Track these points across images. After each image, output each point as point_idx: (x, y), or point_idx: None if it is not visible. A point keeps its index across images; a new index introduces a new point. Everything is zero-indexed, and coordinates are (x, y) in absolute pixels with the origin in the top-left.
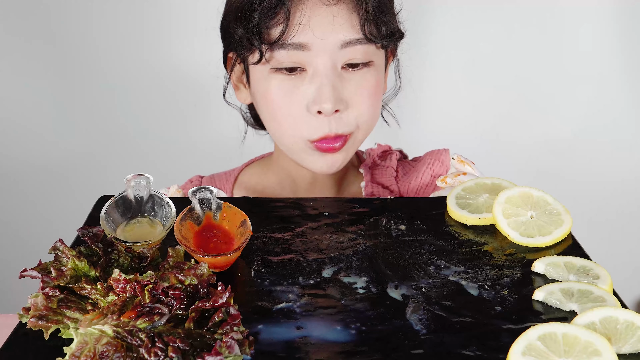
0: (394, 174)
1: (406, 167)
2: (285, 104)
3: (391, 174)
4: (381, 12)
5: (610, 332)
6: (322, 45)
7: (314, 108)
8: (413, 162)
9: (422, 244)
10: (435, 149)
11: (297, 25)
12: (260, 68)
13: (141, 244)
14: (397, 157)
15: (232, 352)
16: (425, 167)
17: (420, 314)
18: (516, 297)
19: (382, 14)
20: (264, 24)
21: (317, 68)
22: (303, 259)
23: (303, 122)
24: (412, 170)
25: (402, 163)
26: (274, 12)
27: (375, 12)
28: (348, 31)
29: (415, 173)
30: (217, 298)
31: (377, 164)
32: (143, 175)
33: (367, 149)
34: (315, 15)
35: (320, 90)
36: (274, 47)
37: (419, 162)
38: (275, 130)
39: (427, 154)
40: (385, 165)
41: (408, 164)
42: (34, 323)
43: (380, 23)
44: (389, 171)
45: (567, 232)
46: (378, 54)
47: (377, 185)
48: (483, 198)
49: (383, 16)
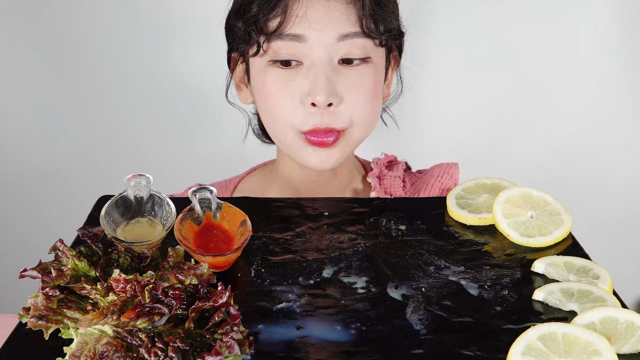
0: (401, 185)
1: (412, 178)
2: (279, 96)
3: (399, 185)
4: (379, 7)
5: (610, 332)
6: (319, 37)
7: (308, 100)
8: (419, 174)
9: (422, 244)
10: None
11: (294, 17)
12: (258, 61)
13: (141, 244)
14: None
15: (232, 352)
16: (434, 180)
17: (420, 314)
18: (516, 297)
19: (380, 9)
20: (263, 16)
21: (313, 60)
22: (303, 259)
23: (296, 114)
24: (420, 182)
25: (409, 174)
26: (272, 3)
27: (372, 6)
28: (344, 24)
29: (423, 185)
30: (217, 298)
31: (385, 174)
32: (143, 175)
33: (374, 159)
34: (313, 7)
35: (315, 82)
36: (271, 38)
37: (427, 175)
38: (270, 124)
39: (436, 167)
40: (393, 175)
41: (414, 175)
42: (34, 323)
43: (378, 18)
44: (397, 181)
45: (567, 232)
46: (377, 52)
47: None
48: (483, 198)
49: (381, 12)
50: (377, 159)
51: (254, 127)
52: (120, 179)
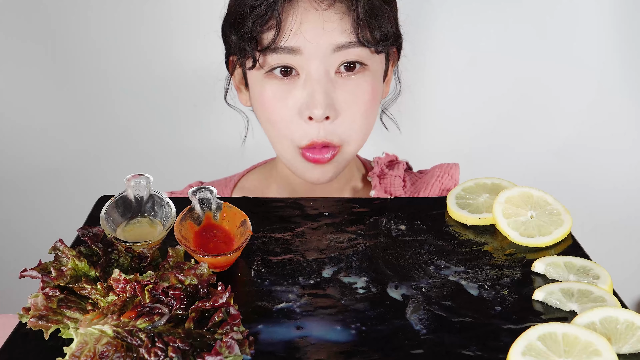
0: (402, 184)
1: (413, 178)
2: (278, 108)
3: (399, 184)
4: (373, 16)
5: (610, 332)
6: (314, 49)
7: (306, 113)
8: (419, 174)
9: (422, 244)
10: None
11: (289, 30)
12: (255, 73)
13: (141, 244)
14: (404, 167)
15: (232, 352)
16: (435, 180)
17: (420, 314)
18: (516, 297)
19: (375, 18)
20: (257, 30)
21: (309, 73)
22: (303, 259)
23: (294, 127)
24: (420, 182)
25: (409, 174)
26: (266, 17)
27: (366, 16)
28: (339, 35)
29: (424, 185)
30: (217, 298)
31: (385, 173)
32: (143, 175)
33: (375, 158)
34: (307, 20)
35: (312, 96)
36: (266, 52)
37: (427, 175)
38: (269, 134)
39: (437, 167)
40: (393, 174)
41: (415, 175)
42: (34, 323)
43: (373, 27)
44: (397, 181)
45: (567, 232)
46: (373, 59)
47: (387, 194)
48: (483, 198)
49: (375, 20)
50: (378, 158)
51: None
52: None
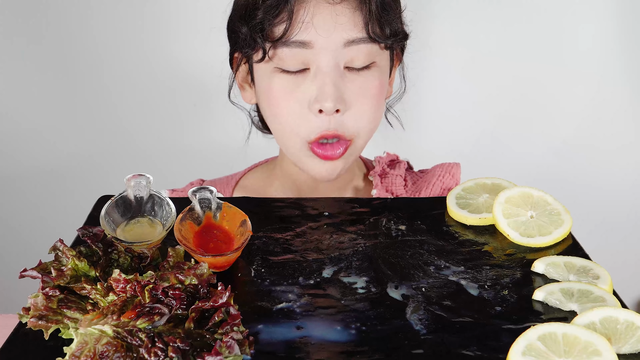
0: (403, 183)
1: (414, 177)
2: (286, 101)
3: (401, 183)
4: (385, 11)
5: (610, 332)
6: (325, 43)
7: (315, 106)
8: (420, 173)
9: (422, 244)
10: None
11: (300, 23)
12: (263, 66)
13: (141, 244)
14: (405, 167)
15: (232, 352)
16: (436, 179)
17: (420, 314)
18: (516, 297)
19: (386, 13)
20: (268, 22)
21: (319, 66)
22: (303, 259)
23: (303, 121)
24: (421, 181)
25: (410, 173)
26: (278, 9)
27: (378, 11)
28: (351, 30)
29: (425, 184)
30: (217, 298)
31: (387, 172)
32: (143, 175)
33: (376, 157)
34: (319, 13)
35: (322, 88)
36: (277, 44)
37: (428, 174)
38: (276, 129)
39: (438, 167)
40: (394, 173)
41: (416, 174)
42: (34, 323)
43: (383, 23)
44: (399, 180)
45: (567, 232)
46: (382, 55)
47: (388, 193)
48: (483, 198)
49: (387, 16)
50: (380, 157)
51: (254, 119)
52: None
